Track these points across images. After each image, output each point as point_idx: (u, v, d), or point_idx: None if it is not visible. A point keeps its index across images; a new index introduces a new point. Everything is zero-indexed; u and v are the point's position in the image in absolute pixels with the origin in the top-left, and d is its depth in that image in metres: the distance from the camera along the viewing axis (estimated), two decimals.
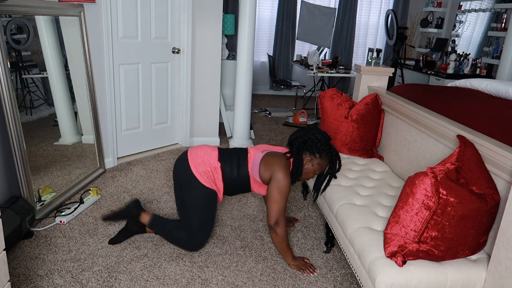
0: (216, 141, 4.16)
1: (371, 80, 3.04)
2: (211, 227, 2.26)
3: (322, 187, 2.24)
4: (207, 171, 2.12)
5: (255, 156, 2.14)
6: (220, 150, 2.20)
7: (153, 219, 2.29)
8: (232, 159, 2.15)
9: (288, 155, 2.13)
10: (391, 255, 1.61)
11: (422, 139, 2.30)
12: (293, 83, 6.40)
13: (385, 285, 1.56)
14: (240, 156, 2.16)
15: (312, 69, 5.52)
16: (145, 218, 2.30)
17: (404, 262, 1.59)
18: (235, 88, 4.04)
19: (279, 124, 5.26)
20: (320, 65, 5.77)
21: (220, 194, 2.21)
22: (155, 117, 3.79)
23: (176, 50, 3.75)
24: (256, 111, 5.84)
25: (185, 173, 2.13)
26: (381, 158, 2.79)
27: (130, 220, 2.36)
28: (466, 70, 5.41)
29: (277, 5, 6.96)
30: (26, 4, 2.43)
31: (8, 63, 2.26)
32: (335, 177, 2.22)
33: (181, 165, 2.16)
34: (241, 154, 2.18)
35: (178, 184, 2.18)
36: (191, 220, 2.18)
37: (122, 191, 2.99)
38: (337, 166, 2.14)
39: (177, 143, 4.09)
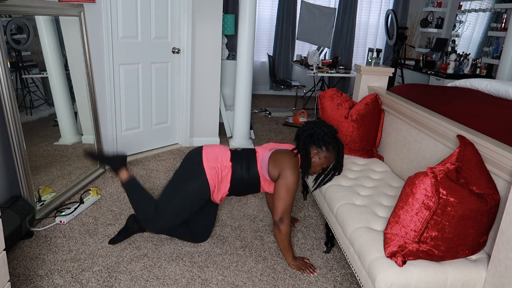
0: (216, 141, 4.16)
1: (371, 80, 3.04)
2: (181, 219, 2.18)
3: (321, 178, 2.25)
4: (217, 167, 2.12)
5: (263, 155, 2.15)
6: (232, 151, 2.21)
7: (131, 181, 2.24)
8: (242, 159, 2.15)
9: (295, 151, 2.13)
10: (391, 255, 1.61)
11: (422, 139, 2.30)
12: (293, 83, 6.40)
13: (385, 285, 1.56)
14: (249, 156, 2.17)
15: (312, 69, 5.52)
16: (123, 175, 2.24)
17: (404, 262, 1.59)
18: (235, 88, 4.04)
19: (279, 124, 5.26)
20: (320, 65, 5.77)
21: (217, 197, 2.18)
22: (155, 117, 3.79)
23: (176, 50, 3.75)
24: (256, 111, 5.84)
25: (195, 161, 2.13)
26: (381, 158, 2.79)
27: (130, 219, 2.35)
28: (466, 70, 5.41)
29: (277, 5, 6.96)
30: (26, 4, 2.43)
31: (8, 63, 2.26)
32: (339, 173, 2.21)
33: (194, 155, 2.17)
34: (250, 154, 2.19)
35: (181, 168, 2.18)
36: (167, 200, 2.14)
37: (122, 191, 2.99)
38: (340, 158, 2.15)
39: (177, 143, 4.09)
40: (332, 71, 5.64)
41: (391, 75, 3.07)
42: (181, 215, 2.17)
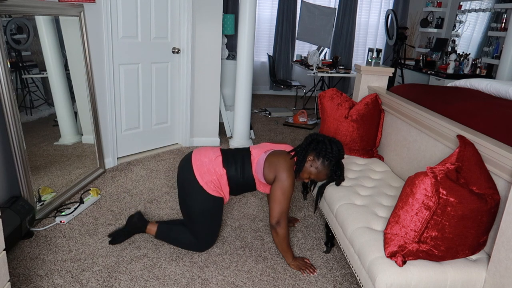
0: (216, 141, 4.16)
1: (371, 80, 3.04)
2: (219, 229, 2.28)
3: (318, 196, 2.27)
4: (213, 179, 2.10)
5: (258, 158, 2.13)
6: (224, 154, 2.17)
7: (159, 230, 2.28)
8: (236, 163, 2.13)
9: (292, 153, 2.12)
10: (391, 255, 1.61)
11: (422, 139, 2.30)
12: (293, 83, 6.40)
13: (385, 285, 1.56)
14: (244, 159, 2.14)
15: (312, 69, 5.52)
16: (151, 230, 2.31)
17: (404, 262, 1.59)
18: (235, 88, 4.04)
19: (279, 124, 5.26)
20: (320, 65, 5.77)
21: (227, 197, 2.20)
22: (155, 117, 3.79)
23: (176, 50, 3.75)
24: (256, 111, 5.84)
25: (191, 182, 2.11)
26: (381, 158, 2.79)
27: (130, 220, 2.36)
28: (466, 70, 5.41)
29: (277, 5, 6.96)
30: (26, 4, 2.43)
31: (8, 63, 2.26)
32: (337, 184, 2.21)
33: (186, 173, 2.13)
34: (245, 156, 2.16)
35: (183, 192, 2.16)
36: (199, 227, 2.19)
37: (122, 191, 2.99)
38: (339, 179, 2.15)
39: (177, 143, 4.09)
40: (332, 71, 5.64)
41: (391, 75, 3.07)
42: (216, 227, 2.23)
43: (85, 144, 3.14)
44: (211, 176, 2.10)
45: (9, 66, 2.27)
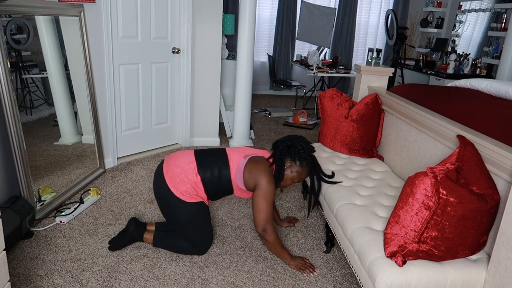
0: (216, 141, 4.16)
1: (371, 80, 3.04)
2: (211, 230, 2.27)
3: (312, 200, 2.28)
4: (188, 189, 2.08)
5: (238, 163, 2.11)
6: (198, 159, 2.13)
7: (156, 238, 2.27)
8: (212, 168, 2.10)
9: (271, 160, 2.12)
10: (391, 255, 1.61)
11: (422, 139, 2.30)
12: (293, 83, 6.40)
13: (385, 285, 1.56)
14: (221, 163, 2.11)
15: (312, 69, 5.52)
16: (148, 239, 2.30)
17: (404, 262, 1.59)
18: (235, 88, 4.04)
19: (279, 124, 5.26)
20: (320, 65, 5.77)
21: (207, 202, 2.20)
22: (155, 117, 3.79)
23: (176, 50, 3.75)
24: (256, 111, 5.84)
25: (168, 195, 2.09)
26: (381, 158, 2.79)
27: (128, 226, 2.33)
28: (466, 70, 5.41)
29: (277, 5, 6.96)
30: (26, 4, 2.43)
31: (8, 63, 2.26)
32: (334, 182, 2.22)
33: (161, 187, 2.11)
34: (222, 160, 2.13)
35: (163, 206, 2.15)
36: (191, 234, 2.18)
37: (122, 191, 2.99)
38: (322, 179, 2.17)
39: (177, 143, 4.09)
40: (332, 71, 5.64)
41: (391, 75, 3.07)
42: (207, 229, 2.23)
43: (85, 144, 3.14)
44: (186, 186, 2.08)
45: (9, 66, 2.27)
